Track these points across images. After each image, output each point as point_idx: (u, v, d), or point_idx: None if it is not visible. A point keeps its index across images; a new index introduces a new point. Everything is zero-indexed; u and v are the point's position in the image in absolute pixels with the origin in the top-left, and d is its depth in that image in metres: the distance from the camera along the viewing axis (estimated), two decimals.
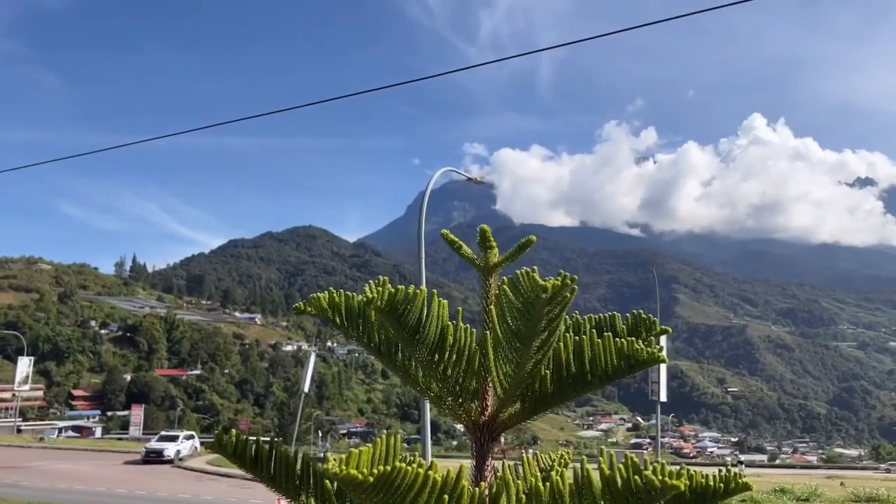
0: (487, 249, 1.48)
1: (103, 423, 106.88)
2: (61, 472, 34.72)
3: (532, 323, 1.39)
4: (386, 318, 1.48)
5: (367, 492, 1.19)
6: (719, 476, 1.29)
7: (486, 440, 1.53)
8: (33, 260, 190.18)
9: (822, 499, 25.98)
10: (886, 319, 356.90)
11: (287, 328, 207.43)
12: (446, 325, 1.53)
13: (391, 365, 1.58)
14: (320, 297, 1.51)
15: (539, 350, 1.45)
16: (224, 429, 1.48)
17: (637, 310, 1.63)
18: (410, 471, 1.20)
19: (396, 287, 1.44)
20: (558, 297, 1.35)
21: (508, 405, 1.55)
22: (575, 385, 1.50)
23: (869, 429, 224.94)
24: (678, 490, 1.21)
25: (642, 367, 1.44)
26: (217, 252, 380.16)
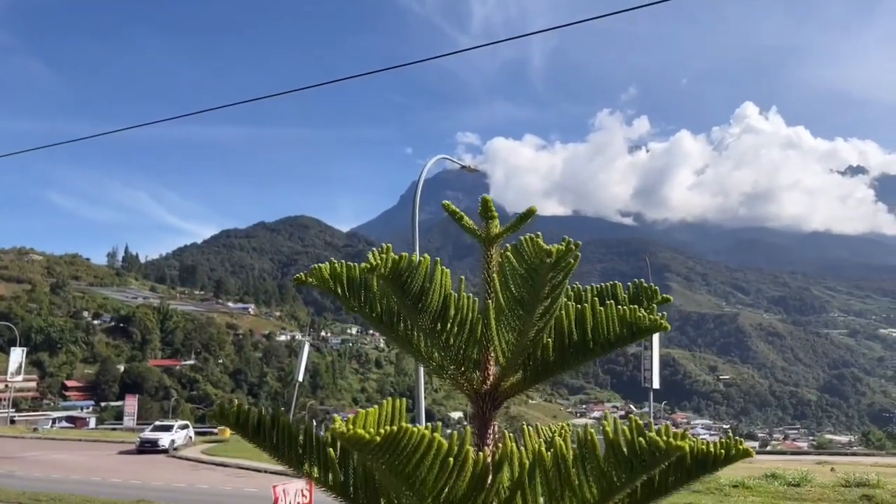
0: (489, 220, 1.48)
1: (97, 413, 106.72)
2: (56, 462, 34.68)
3: (535, 289, 1.40)
4: (389, 285, 1.48)
5: (374, 452, 1.19)
6: (720, 443, 1.31)
7: (488, 409, 1.54)
8: (24, 251, 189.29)
9: (812, 484, 26.17)
10: (877, 307, 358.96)
11: (281, 318, 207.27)
12: (449, 294, 1.53)
13: (393, 335, 1.58)
14: (321, 267, 1.50)
15: (542, 317, 1.46)
16: (227, 400, 1.48)
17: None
18: (416, 432, 1.21)
19: (400, 254, 1.44)
20: (562, 263, 1.36)
21: (510, 374, 1.56)
22: (576, 353, 1.50)
23: (859, 415, 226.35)
24: (682, 451, 1.22)
25: (644, 334, 1.44)
26: (210, 242, 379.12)
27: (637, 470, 1.26)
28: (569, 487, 1.34)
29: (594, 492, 1.32)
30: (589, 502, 1.33)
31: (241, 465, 34.78)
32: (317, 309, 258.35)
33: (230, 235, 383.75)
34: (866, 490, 24.25)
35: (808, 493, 24.97)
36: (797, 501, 23.72)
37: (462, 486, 1.29)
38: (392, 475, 1.25)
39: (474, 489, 1.30)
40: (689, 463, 1.30)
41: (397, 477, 1.25)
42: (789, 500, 23.95)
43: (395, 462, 1.22)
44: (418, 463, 1.23)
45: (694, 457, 1.28)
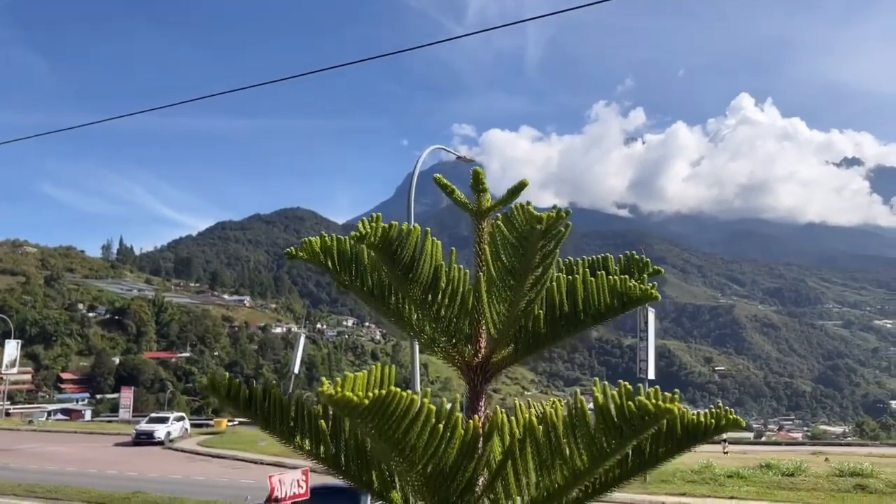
0: (480, 193, 1.48)
1: (92, 406, 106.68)
2: (51, 454, 34.69)
3: (527, 258, 1.40)
4: (379, 255, 1.48)
5: (363, 416, 1.19)
6: (711, 413, 1.31)
7: (479, 381, 1.53)
8: (18, 243, 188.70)
9: (806, 474, 26.32)
10: (871, 298, 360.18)
11: (276, 310, 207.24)
12: (440, 265, 1.53)
13: (384, 308, 1.57)
14: (312, 240, 1.50)
15: (533, 287, 1.45)
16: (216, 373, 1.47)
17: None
18: (406, 396, 1.21)
19: (390, 223, 1.44)
20: (553, 231, 1.36)
21: (502, 346, 1.55)
22: (568, 324, 1.50)
23: (853, 406, 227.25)
24: (671, 414, 1.23)
25: (635, 304, 1.44)
26: (205, 234, 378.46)
27: (627, 435, 1.27)
28: (559, 456, 1.34)
29: (584, 459, 1.33)
30: (580, 470, 1.33)
31: (236, 456, 34.82)
32: (313, 301, 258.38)
33: (225, 227, 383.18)
34: (860, 480, 24.42)
35: (803, 482, 25.11)
36: (791, 491, 23.85)
37: (452, 453, 1.29)
38: (381, 440, 1.25)
39: (464, 457, 1.30)
40: (680, 433, 1.31)
41: (387, 442, 1.24)
42: (784, 489, 24.08)
43: (384, 427, 1.22)
44: (408, 428, 1.23)
45: (684, 427, 1.29)
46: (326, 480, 6.24)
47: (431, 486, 1.32)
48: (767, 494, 23.23)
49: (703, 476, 26.69)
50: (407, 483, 1.38)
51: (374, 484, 1.43)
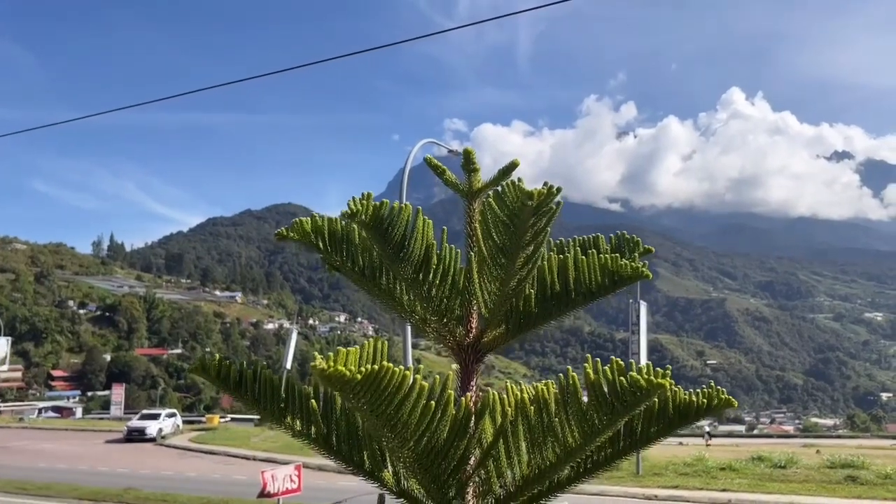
0: (471, 173, 1.47)
1: (83, 403, 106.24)
2: (42, 451, 34.60)
3: (517, 235, 1.40)
4: (370, 233, 1.47)
5: (355, 391, 1.18)
6: (703, 392, 1.31)
7: (470, 361, 1.53)
8: (8, 240, 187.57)
9: (798, 466, 26.49)
10: (862, 291, 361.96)
11: (268, 306, 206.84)
12: (431, 244, 1.52)
13: (375, 289, 1.57)
14: (303, 221, 1.49)
15: (524, 266, 1.45)
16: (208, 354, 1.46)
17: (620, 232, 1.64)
18: (398, 372, 1.21)
19: (381, 201, 1.43)
20: (544, 207, 1.35)
21: (493, 326, 1.55)
22: (559, 303, 1.49)
23: (844, 398, 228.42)
24: (663, 390, 1.23)
25: (627, 282, 1.44)
26: (196, 230, 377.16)
27: (619, 411, 1.27)
28: (551, 434, 1.34)
29: (576, 436, 1.33)
30: (571, 447, 1.33)
31: (228, 452, 34.80)
32: (304, 297, 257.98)
33: (216, 223, 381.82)
34: (851, 471, 24.59)
35: (794, 474, 25.28)
36: (783, 483, 23.99)
37: (444, 430, 1.30)
38: (373, 416, 1.24)
39: (456, 435, 1.30)
40: (672, 412, 1.31)
41: (379, 418, 1.24)
42: (775, 481, 24.22)
43: (376, 402, 1.21)
44: (400, 404, 1.23)
45: (676, 406, 1.30)
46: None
47: (423, 464, 1.32)
48: (759, 486, 23.36)
49: (696, 468, 26.82)
50: (399, 461, 1.38)
51: (365, 464, 1.41)
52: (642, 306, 29.07)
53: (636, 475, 25.71)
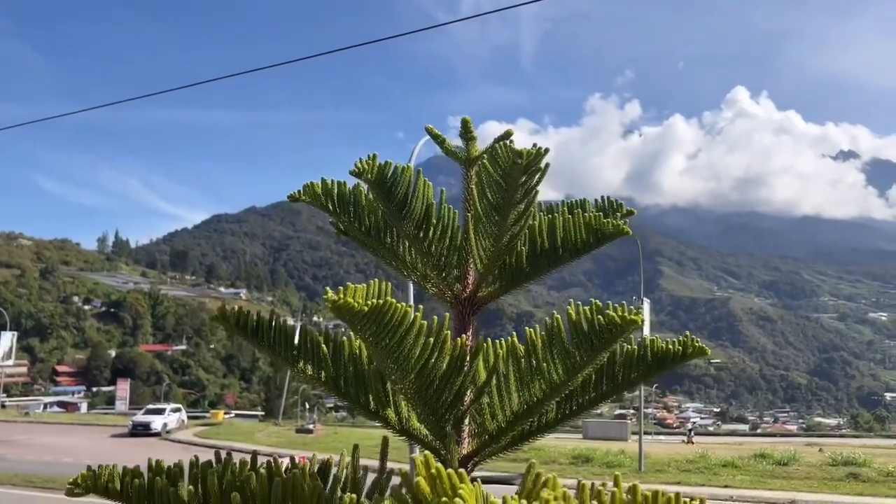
0: (469, 141, 1.60)
1: (88, 398, 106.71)
2: (48, 445, 34.79)
3: (510, 193, 1.52)
4: (375, 190, 1.60)
5: (362, 322, 1.32)
6: (678, 341, 1.43)
7: (467, 313, 1.65)
8: (13, 235, 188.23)
9: (800, 463, 26.61)
10: (866, 291, 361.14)
11: (273, 303, 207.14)
12: (431, 203, 1.65)
13: (380, 247, 1.69)
14: (314, 184, 1.62)
15: (516, 222, 1.58)
16: (227, 304, 1.58)
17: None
18: (400, 307, 1.34)
19: (386, 161, 1.56)
20: (533, 166, 1.48)
21: (488, 281, 1.68)
22: (548, 260, 1.62)
23: (848, 398, 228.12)
24: (637, 325, 1.34)
25: (609, 239, 1.56)
26: (200, 227, 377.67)
27: (596, 346, 1.39)
28: (538, 371, 1.47)
29: (559, 372, 1.45)
30: (556, 383, 1.46)
31: (233, 447, 34.85)
32: (309, 294, 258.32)
33: (221, 220, 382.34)
34: (853, 469, 24.71)
35: (796, 471, 25.40)
36: (785, 480, 24.11)
37: (442, 365, 1.42)
38: (378, 347, 1.38)
39: (453, 370, 1.43)
40: (650, 360, 1.44)
41: (383, 350, 1.37)
42: (777, 478, 24.34)
43: (380, 333, 1.34)
44: (402, 337, 1.36)
45: (654, 353, 1.43)
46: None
47: (423, 396, 1.45)
48: (761, 483, 23.48)
49: (698, 465, 26.98)
50: (401, 393, 1.51)
51: (370, 404, 1.54)
52: (646, 305, 29.22)
53: (639, 472, 25.87)
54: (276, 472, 1.36)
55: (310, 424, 43.20)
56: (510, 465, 9.54)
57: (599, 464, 27.64)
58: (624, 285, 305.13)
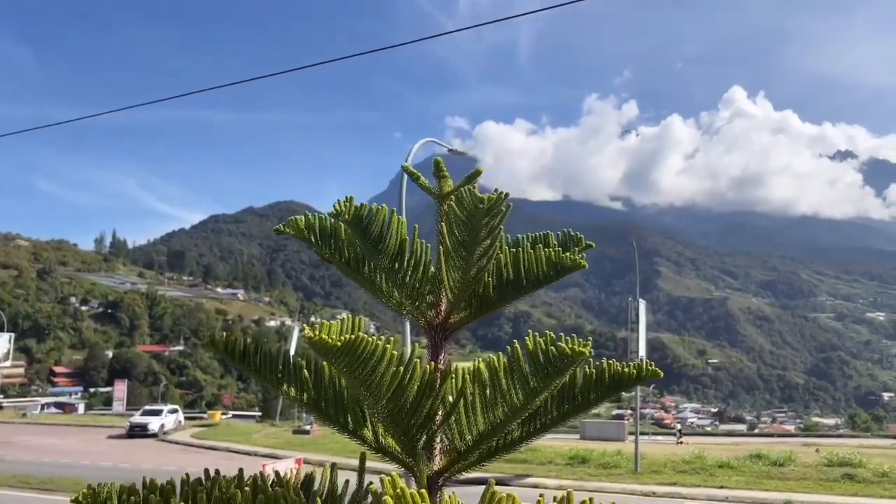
0: (441, 179, 1.72)
1: (85, 399, 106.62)
2: (45, 446, 34.88)
3: (474, 232, 1.65)
4: (352, 229, 1.73)
5: (336, 355, 1.46)
6: (634, 365, 1.54)
7: (439, 339, 1.79)
8: (10, 236, 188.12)
9: (796, 463, 26.70)
10: (864, 291, 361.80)
11: (270, 303, 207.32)
12: (404, 239, 1.78)
13: (359, 277, 1.82)
14: (297, 219, 1.77)
15: (482, 257, 1.70)
16: (217, 331, 1.69)
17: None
18: (371, 341, 1.48)
19: (361, 203, 1.69)
20: (495, 210, 1.61)
21: (458, 309, 1.81)
22: (513, 290, 1.75)
23: (846, 398, 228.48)
24: (585, 356, 1.48)
25: (567, 272, 1.70)
26: (197, 227, 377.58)
27: (551, 374, 1.53)
28: (500, 394, 1.61)
29: (520, 396, 1.59)
30: (516, 406, 1.59)
31: (230, 448, 35.08)
32: (306, 294, 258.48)
33: (218, 221, 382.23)
34: (849, 469, 24.82)
35: (792, 472, 25.51)
36: (780, 480, 24.23)
37: (412, 391, 1.55)
38: (352, 377, 1.52)
39: (423, 395, 1.56)
40: (608, 381, 1.57)
41: (356, 379, 1.51)
42: (773, 479, 24.47)
43: (353, 365, 1.48)
44: (373, 368, 1.49)
45: (611, 376, 1.55)
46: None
47: (395, 419, 1.57)
48: (757, 483, 23.60)
49: (694, 466, 27.08)
50: (375, 418, 1.65)
51: (349, 424, 1.66)
52: (641, 305, 29.32)
53: (635, 472, 25.98)
54: (262, 488, 1.47)
55: (307, 425, 43.23)
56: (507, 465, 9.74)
57: (596, 465, 27.73)
58: (621, 285, 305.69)
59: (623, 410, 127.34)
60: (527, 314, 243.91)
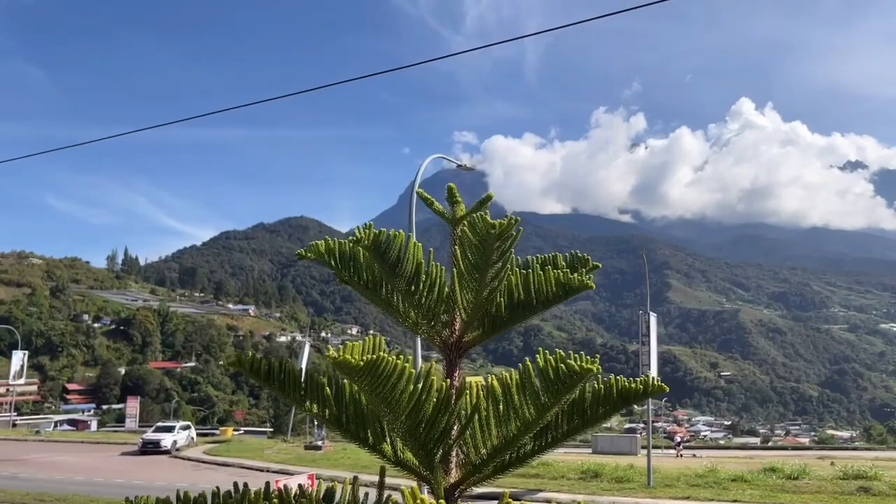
0: (454, 204, 1.82)
1: (98, 416, 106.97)
2: (59, 463, 34.99)
3: (486, 256, 1.76)
4: (371, 255, 1.84)
5: (359, 374, 1.56)
6: (640, 380, 1.62)
7: (454, 357, 1.89)
8: (24, 254, 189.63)
9: (810, 477, 26.46)
10: (877, 302, 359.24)
11: (281, 319, 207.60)
12: (420, 262, 1.89)
13: (377, 298, 1.93)
14: (318, 244, 1.87)
15: (494, 279, 1.81)
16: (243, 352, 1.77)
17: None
18: (391, 360, 1.57)
19: (380, 230, 1.79)
20: (505, 235, 1.71)
21: (471, 328, 1.91)
22: (523, 310, 1.86)
23: (860, 410, 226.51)
24: (593, 373, 1.57)
25: (575, 292, 1.80)
26: (209, 244, 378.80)
27: (561, 390, 1.62)
28: (513, 410, 1.70)
29: (532, 411, 1.68)
30: (528, 420, 1.69)
31: (242, 464, 35.08)
32: (317, 309, 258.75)
33: (229, 237, 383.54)
34: (864, 482, 24.58)
35: (806, 485, 25.27)
36: (795, 494, 24.00)
37: (429, 407, 1.65)
38: (373, 395, 1.62)
39: (440, 411, 1.66)
40: (615, 396, 1.64)
41: (377, 397, 1.61)
42: (787, 492, 24.24)
43: (375, 384, 1.58)
44: (393, 385, 1.60)
45: (619, 391, 1.63)
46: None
47: (413, 434, 1.67)
48: (771, 497, 23.39)
49: (707, 480, 26.88)
50: (395, 433, 1.73)
51: (369, 439, 1.75)
52: (652, 318, 29.23)
53: (648, 486, 25.83)
54: (287, 501, 1.54)
55: (318, 441, 43.23)
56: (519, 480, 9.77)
57: (609, 479, 27.55)
58: (632, 297, 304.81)
59: (635, 424, 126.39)
60: (537, 328, 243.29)
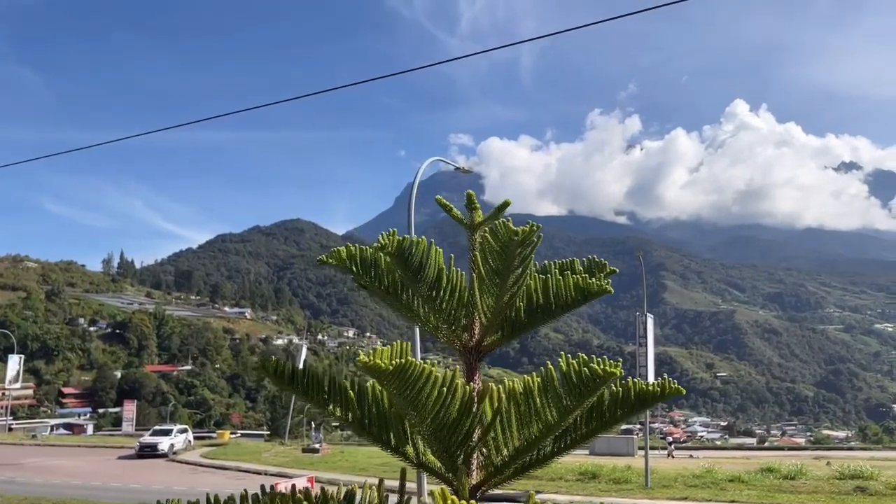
0: (473, 210, 1.86)
1: (94, 420, 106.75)
2: (56, 468, 34.88)
3: (507, 262, 1.80)
4: (395, 260, 1.89)
5: (388, 378, 1.62)
6: (657, 383, 1.65)
7: (474, 360, 1.93)
8: (19, 258, 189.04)
9: (807, 477, 26.52)
10: (872, 302, 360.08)
11: (277, 322, 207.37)
12: (442, 268, 1.94)
13: (398, 303, 1.97)
14: (340, 250, 1.93)
15: (514, 284, 1.85)
16: (266, 356, 1.80)
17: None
18: (419, 365, 1.63)
19: (403, 236, 1.84)
20: (527, 241, 1.74)
21: (491, 332, 1.96)
22: (542, 314, 1.91)
23: (856, 410, 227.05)
24: (616, 376, 1.62)
25: (594, 297, 1.84)
26: (204, 247, 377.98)
27: (584, 393, 1.67)
28: (535, 412, 1.74)
29: (554, 414, 1.72)
30: (550, 423, 1.73)
31: (240, 467, 35.02)
32: (313, 312, 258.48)
33: (225, 240, 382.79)
34: (860, 482, 24.63)
35: (803, 485, 25.33)
36: (792, 494, 24.05)
37: (453, 410, 1.70)
38: (400, 398, 1.67)
39: (463, 414, 1.71)
40: (633, 399, 1.68)
41: (405, 400, 1.67)
42: (784, 492, 24.29)
43: (402, 387, 1.64)
44: (420, 389, 1.65)
45: (637, 394, 1.66)
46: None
47: (438, 436, 1.71)
48: (768, 497, 23.43)
49: (704, 480, 26.93)
50: (419, 435, 1.78)
51: (392, 441, 1.79)
52: (649, 319, 29.27)
53: (645, 487, 25.86)
54: (312, 502, 1.58)
55: (316, 444, 43.22)
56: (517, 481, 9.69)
57: (606, 480, 27.58)
58: (628, 299, 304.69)
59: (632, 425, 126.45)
60: (534, 330, 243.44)
